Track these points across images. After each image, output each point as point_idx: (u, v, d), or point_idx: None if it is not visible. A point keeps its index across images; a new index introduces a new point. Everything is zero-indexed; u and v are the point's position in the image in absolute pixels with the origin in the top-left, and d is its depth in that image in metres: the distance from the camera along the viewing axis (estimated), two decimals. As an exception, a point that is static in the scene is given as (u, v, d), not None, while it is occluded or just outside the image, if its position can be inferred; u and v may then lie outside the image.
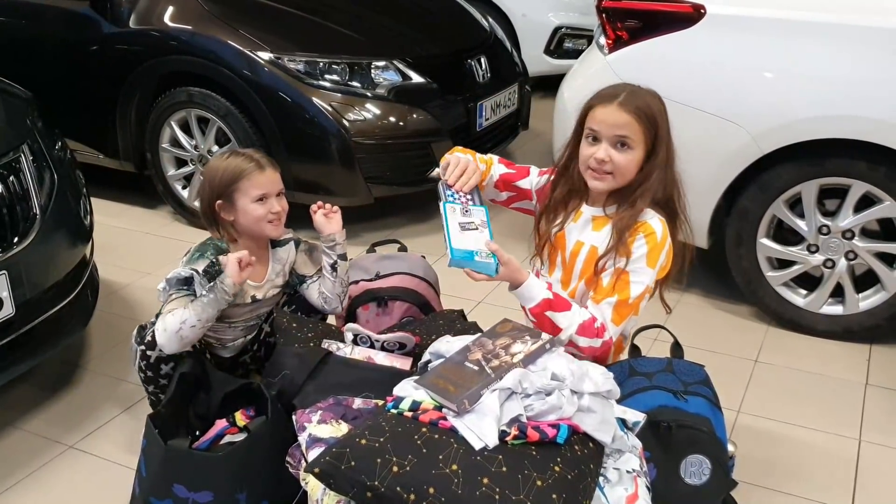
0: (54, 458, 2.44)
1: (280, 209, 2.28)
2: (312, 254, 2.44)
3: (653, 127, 1.96)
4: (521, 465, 1.54)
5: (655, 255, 1.98)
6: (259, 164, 2.25)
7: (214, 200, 2.27)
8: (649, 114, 1.96)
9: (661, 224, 2.00)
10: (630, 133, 1.97)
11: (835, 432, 2.53)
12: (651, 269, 1.98)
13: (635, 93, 2.00)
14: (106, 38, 3.91)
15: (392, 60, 3.80)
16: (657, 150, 1.98)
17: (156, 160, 4.03)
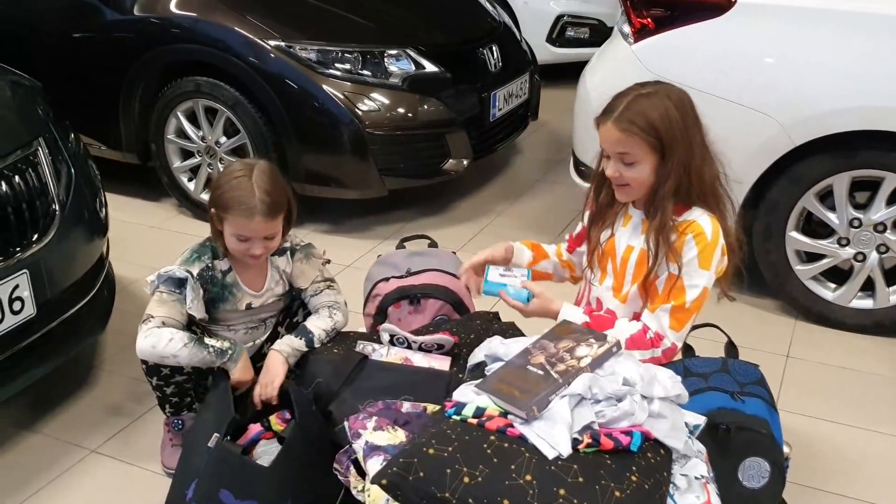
0: (77, 464, 2.36)
1: (260, 252, 2.10)
2: (309, 260, 2.31)
3: (653, 135, 1.88)
4: (597, 475, 1.48)
5: (708, 254, 1.92)
6: (254, 208, 2.03)
7: (210, 206, 2.14)
8: (646, 124, 1.88)
9: (712, 222, 1.94)
10: (628, 149, 1.92)
11: (874, 429, 2.50)
12: (706, 271, 1.92)
13: (635, 102, 1.91)
14: (108, 25, 3.79)
15: (405, 49, 3.72)
16: (668, 153, 1.90)
17: (161, 151, 3.92)
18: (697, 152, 1.93)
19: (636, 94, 1.93)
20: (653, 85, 1.97)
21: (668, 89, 1.96)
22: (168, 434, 2.30)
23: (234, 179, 2.08)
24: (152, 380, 2.22)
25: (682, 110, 1.93)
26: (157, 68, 3.77)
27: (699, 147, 1.94)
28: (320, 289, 2.30)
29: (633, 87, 1.98)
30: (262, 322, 2.30)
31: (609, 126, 1.92)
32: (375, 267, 2.62)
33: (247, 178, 2.06)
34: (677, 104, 1.92)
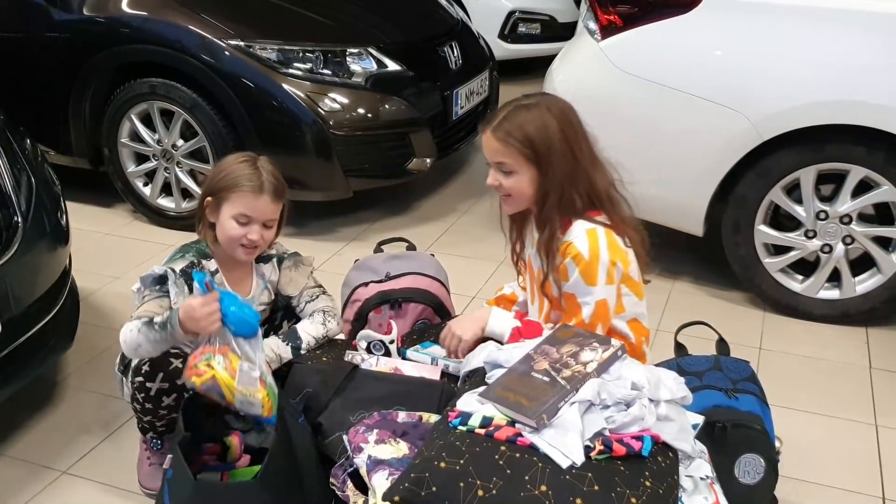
0: (47, 487, 2.25)
1: (258, 238, 2.06)
2: (298, 268, 2.26)
3: (529, 148, 1.88)
4: (612, 482, 1.46)
5: (590, 272, 1.88)
6: (260, 186, 2.02)
7: (206, 195, 2.09)
8: (523, 136, 1.88)
9: (588, 238, 1.89)
10: (505, 159, 1.91)
11: (851, 418, 2.55)
12: (593, 286, 1.88)
13: (514, 113, 1.91)
14: (56, 26, 3.64)
15: (367, 47, 3.66)
16: (546, 166, 1.89)
17: (114, 156, 3.79)
18: (582, 164, 1.91)
19: (517, 104, 1.93)
20: (536, 96, 1.96)
21: (549, 101, 1.94)
22: (146, 452, 2.21)
23: (237, 164, 2.06)
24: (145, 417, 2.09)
25: (563, 123, 1.91)
26: (108, 70, 3.64)
27: (584, 158, 1.92)
28: (315, 294, 2.24)
29: (518, 97, 1.97)
30: None
31: (488, 135, 1.93)
32: (353, 272, 2.56)
33: (251, 163, 2.07)
34: (558, 116, 1.91)
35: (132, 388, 2.06)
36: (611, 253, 1.88)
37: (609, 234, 1.90)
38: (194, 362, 1.87)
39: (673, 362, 2.04)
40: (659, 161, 3.07)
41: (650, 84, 2.99)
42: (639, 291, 1.98)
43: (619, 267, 1.90)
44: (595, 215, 1.93)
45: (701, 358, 2.05)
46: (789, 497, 2.17)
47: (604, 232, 1.90)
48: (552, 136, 1.87)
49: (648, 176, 3.11)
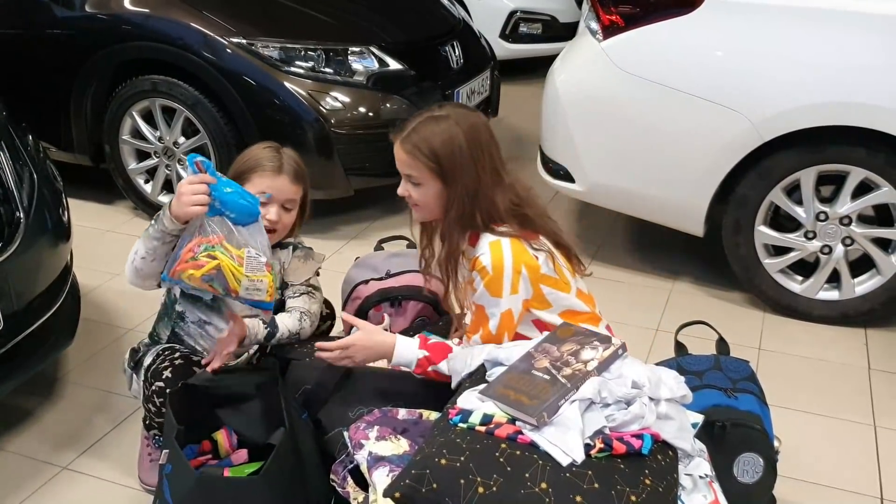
0: (48, 482, 2.25)
1: (275, 218, 2.11)
2: (307, 261, 2.28)
3: (435, 161, 1.88)
4: (612, 480, 1.46)
5: (495, 285, 1.88)
6: (280, 167, 2.13)
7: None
8: (429, 149, 1.88)
9: (493, 251, 1.89)
10: (411, 171, 1.93)
11: (849, 419, 2.55)
12: (498, 298, 1.88)
13: (422, 125, 1.91)
14: (58, 22, 3.65)
15: (369, 46, 3.66)
16: (451, 180, 1.89)
17: (115, 153, 3.79)
18: (484, 182, 1.90)
19: (428, 116, 1.93)
20: (448, 108, 1.95)
21: (460, 115, 1.93)
22: (147, 448, 2.22)
23: (261, 149, 2.17)
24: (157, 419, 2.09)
25: (471, 138, 1.89)
26: (110, 67, 3.64)
27: (487, 176, 1.91)
28: (300, 291, 2.25)
29: (430, 108, 1.98)
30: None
31: (398, 146, 1.94)
32: (354, 269, 2.57)
33: (274, 148, 2.18)
34: (467, 131, 1.89)
35: (149, 391, 2.06)
36: (515, 261, 1.88)
37: (514, 243, 1.90)
38: (190, 255, 1.84)
39: (673, 361, 2.05)
40: (660, 161, 3.08)
41: (651, 84, 2.99)
42: (563, 287, 1.98)
43: (524, 274, 1.89)
44: (500, 226, 1.93)
45: (701, 357, 2.06)
46: (788, 497, 2.18)
47: (508, 242, 1.89)
48: (457, 151, 1.87)
49: (649, 176, 3.13)
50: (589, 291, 2.11)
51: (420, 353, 1.92)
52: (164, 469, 1.87)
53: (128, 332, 2.94)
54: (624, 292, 3.30)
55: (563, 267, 2.00)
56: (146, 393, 2.06)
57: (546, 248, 1.96)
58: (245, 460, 1.99)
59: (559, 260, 2.00)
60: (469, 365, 1.86)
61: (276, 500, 1.80)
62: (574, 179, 3.31)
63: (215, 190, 1.88)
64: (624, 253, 3.62)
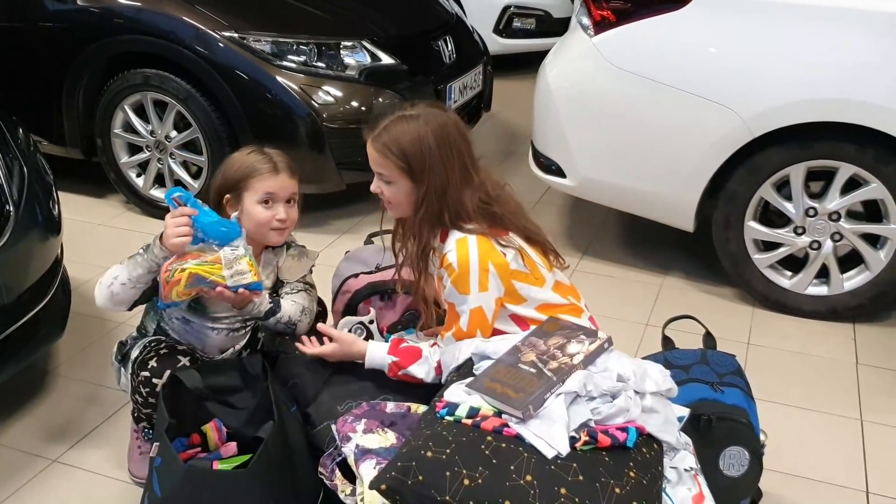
0: (38, 475, 2.26)
1: (286, 217, 2.13)
2: (301, 259, 2.29)
3: (404, 160, 1.90)
4: (597, 473, 1.48)
5: (462, 282, 1.89)
6: (275, 166, 2.12)
7: (224, 194, 2.14)
8: (399, 148, 1.90)
9: (459, 248, 1.90)
10: (382, 169, 1.96)
11: (837, 413, 2.57)
12: (466, 295, 1.90)
13: (393, 124, 1.93)
14: (50, 15, 3.64)
15: (361, 41, 3.66)
16: (420, 179, 1.91)
17: (107, 147, 3.79)
18: (453, 181, 1.91)
19: (399, 115, 1.95)
20: (420, 108, 1.96)
21: (430, 115, 1.94)
22: (137, 441, 2.22)
23: (246, 156, 2.15)
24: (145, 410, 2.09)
25: (441, 138, 1.90)
26: (102, 60, 3.64)
27: (455, 176, 1.92)
28: (297, 288, 2.26)
29: (402, 106, 1.99)
30: (244, 323, 2.23)
31: (370, 144, 1.97)
32: (344, 263, 2.58)
33: (259, 151, 2.16)
34: (436, 131, 1.90)
35: (136, 382, 2.06)
36: (482, 258, 1.89)
37: (481, 240, 1.91)
38: (165, 276, 1.95)
39: (660, 356, 2.06)
40: (650, 157, 3.09)
41: (642, 80, 3.00)
42: (536, 282, 1.98)
43: (492, 271, 1.90)
44: (468, 224, 1.94)
45: (688, 352, 2.07)
46: (775, 490, 2.20)
47: (475, 238, 1.90)
48: (426, 151, 1.89)
49: (640, 171, 3.14)
50: (572, 283, 2.11)
51: (389, 359, 1.96)
52: (154, 462, 1.88)
53: (119, 326, 2.94)
54: (614, 287, 3.31)
55: (536, 262, 2.00)
56: (133, 384, 2.07)
57: (515, 245, 1.96)
58: (234, 453, 2.00)
59: (532, 255, 2.00)
60: (457, 358, 1.88)
61: (264, 493, 1.81)
62: (565, 175, 3.32)
63: (197, 221, 1.96)
64: (615, 248, 3.64)
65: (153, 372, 2.02)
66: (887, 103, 2.70)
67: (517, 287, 1.96)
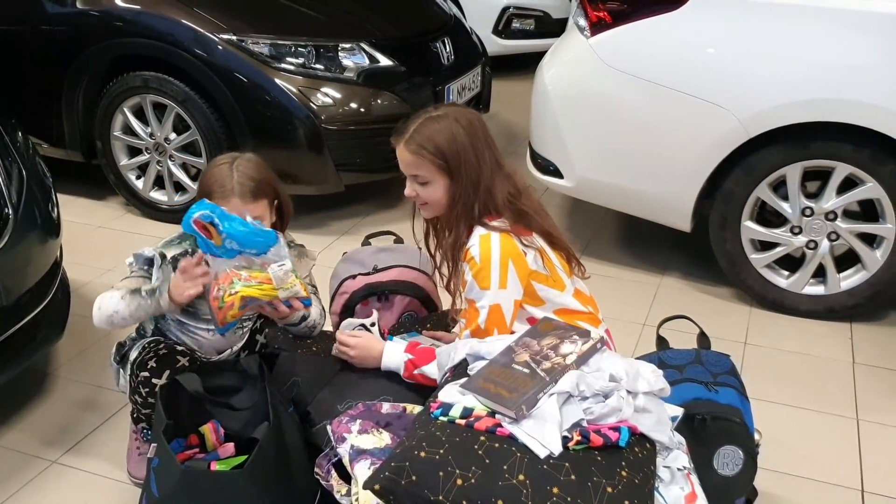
0: (38, 476, 2.28)
1: None
2: (300, 259, 2.28)
3: (441, 158, 1.95)
4: (589, 472, 1.49)
5: (483, 275, 1.92)
6: (231, 190, 2.04)
7: (199, 198, 2.10)
8: (434, 147, 1.95)
9: (482, 243, 1.93)
10: (419, 171, 1.99)
11: (833, 412, 2.58)
12: (487, 290, 1.92)
13: (424, 125, 1.98)
14: (49, 18, 3.66)
15: (359, 42, 3.68)
16: (457, 175, 1.96)
17: (107, 149, 3.81)
18: (486, 172, 1.97)
19: (427, 116, 2.00)
20: (445, 108, 2.03)
21: (458, 112, 2.00)
22: (136, 442, 2.24)
23: (215, 168, 2.11)
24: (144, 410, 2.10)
25: (471, 133, 1.97)
26: (101, 63, 3.66)
27: (489, 167, 1.98)
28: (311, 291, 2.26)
29: (426, 110, 2.04)
30: (241, 325, 2.25)
31: (401, 148, 2.00)
32: (342, 264, 2.59)
33: (228, 165, 2.10)
34: (466, 127, 1.97)
35: (135, 383, 2.08)
36: (503, 255, 1.92)
37: (504, 237, 1.94)
38: (217, 304, 1.92)
39: (654, 355, 2.07)
40: (647, 157, 3.10)
41: (638, 81, 3.02)
42: (555, 285, 2.01)
43: (511, 269, 1.93)
44: (494, 220, 1.97)
45: (682, 351, 2.08)
46: (770, 489, 2.21)
47: (498, 236, 1.94)
48: (461, 146, 1.94)
49: (637, 172, 3.15)
50: (591, 294, 2.14)
51: (405, 357, 1.97)
52: (152, 462, 1.89)
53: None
54: (612, 287, 3.32)
55: (556, 266, 2.03)
56: (132, 385, 2.08)
57: (536, 246, 1.99)
58: (232, 454, 2.01)
59: (552, 258, 2.03)
60: (452, 359, 1.89)
61: (261, 494, 1.82)
62: (563, 175, 3.33)
63: (230, 234, 1.92)
64: (612, 248, 3.65)
65: (152, 372, 2.03)
66: (883, 103, 2.71)
67: (536, 288, 1.99)
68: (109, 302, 2.04)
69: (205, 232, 1.93)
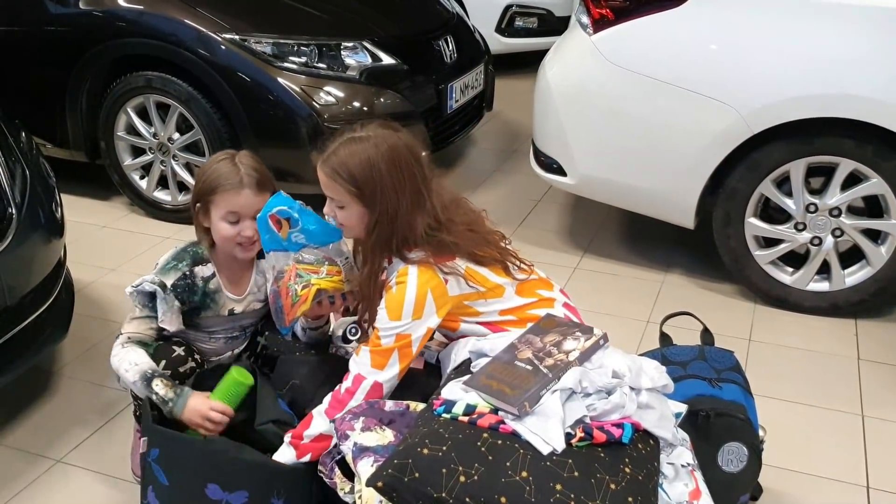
0: (42, 475, 2.28)
1: (252, 234, 2.03)
2: None
3: (354, 185, 1.81)
4: (592, 469, 1.48)
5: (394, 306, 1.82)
6: (241, 181, 2.01)
7: (195, 202, 2.10)
8: (347, 173, 1.81)
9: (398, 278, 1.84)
10: (334, 195, 1.87)
11: (837, 409, 2.57)
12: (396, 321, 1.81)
13: (342, 147, 1.85)
14: (52, 19, 3.67)
15: (361, 41, 3.68)
16: (371, 203, 1.82)
17: (111, 149, 3.82)
18: (404, 206, 1.82)
19: (348, 137, 1.86)
20: (370, 128, 1.87)
21: (380, 136, 1.84)
22: (139, 441, 2.23)
23: (216, 164, 2.07)
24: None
25: (390, 160, 1.81)
26: (104, 63, 3.66)
27: (406, 199, 1.83)
28: None
29: (352, 128, 1.89)
30: (243, 331, 2.25)
31: (319, 168, 1.88)
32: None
33: (230, 160, 2.06)
34: (385, 154, 1.81)
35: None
36: (420, 288, 1.81)
37: (421, 270, 1.83)
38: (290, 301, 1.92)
39: (658, 352, 2.07)
40: (650, 154, 3.09)
41: (641, 77, 3.01)
42: (490, 295, 1.91)
43: (430, 299, 1.81)
44: (412, 252, 1.86)
45: (685, 348, 2.08)
46: (775, 485, 2.20)
47: (415, 270, 1.83)
48: (376, 174, 1.80)
49: (640, 169, 3.15)
50: (542, 277, 2.04)
51: (287, 440, 1.87)
52: (150, 455, 1.89)
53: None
54: (616, 284, 3.32)
55: (489, 277, 1.91)
56: None
57: (459, 272, 1.86)
58: None
59: (484, 273, 1.91)
60: (454, 360, 1.89)
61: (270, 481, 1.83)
62: (566, 173, 3.33)
63: (306, 229, 1.92)
64: (616, 246, 3.64)
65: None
66: (886, 98, 2.70)
67: (472, 306, 1.89)
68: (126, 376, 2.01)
69: (276, 226, 1.92)
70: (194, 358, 2.11)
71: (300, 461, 1.84)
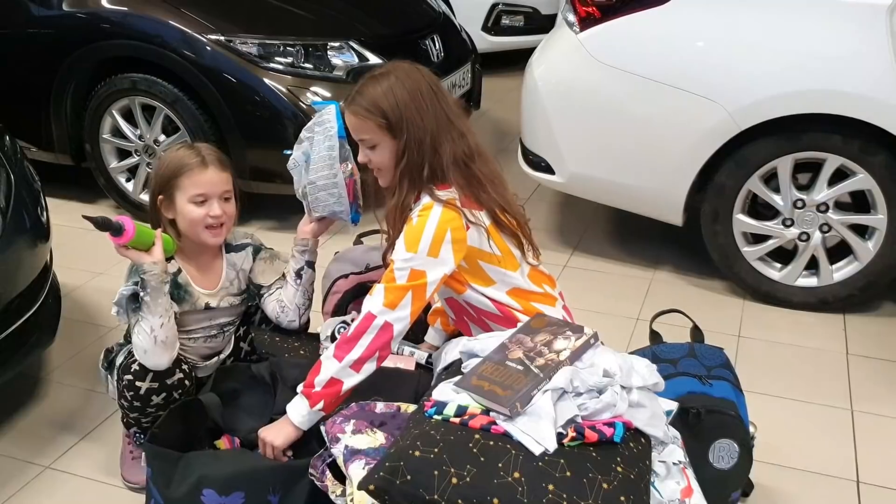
0: (31, 481, 2.26)
1: (221, 213, 2.06)
2: (273, 262, 2.28)
3: (382, 116, 1.88)
4: (584, 468, 1.48)
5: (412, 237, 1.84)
6: (203, 160, 2.05)
7: (156, 195, 2.10)
8: (374, 106, 1.88)
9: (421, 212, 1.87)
10: (364, 134, 1.93)
11: (827, 404, 2.58)
12: (412, 252, 1.83)
13: (364, 86, 1.92)
14: (36, 21, 3.64)
15: (348, 41, 3.67)
16: (399, 133, 1.88)
17: (96, 152, 3.79)
18: (431, 129, 1.88)
19: (369, 77, 1.94)
20: (389, 66, 1.96)
21: (401, 69, 1.93)
22: (129, 446, 2.23)
23: (174, 153, 2.11)
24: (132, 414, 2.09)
25: (414, 88, 1.89)
26: (89, 65, 3.64)
27: (434, 123, 1.89)
28: (277, 287, 2.26)
29: (372, 69, 1.99)
30: (222, 330, 2.24)
31: (348, 114, 1.95)
32: (334, 264, 2.58)
33: (186, 146, 2.11)
34: (408, 85, 1.89)
35: (120, 386, 2.07)
36: (440, 225, 1.84)
37: (446, 210, 1.85)
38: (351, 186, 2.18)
39: (648, 350, 2.07)
40: (638, 151, 3.10)
41: (628, 75, 3.01)
42: (505, 264, 1.95)
43: (448, 239, 1.84)
44: (443, 189, 1.90)
45: (675, 345, 2.08)
46: (767, 481, 2.21)
47: (440, 207, 1.85)
48: (401, 102, 1.87)
49: (628, 166, 3.15)
50: (551, 275, 2.10)
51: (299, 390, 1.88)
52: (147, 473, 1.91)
53: (110, 332, 2.94)
54: (605, 282, 3.32)
55: (509, 244, 1.97)
56: (118, 389, 2.07)
57: (482, 223, 1.91)
58: None
59: (504, 238, 1.96)
60: (444, 360, 1.88)
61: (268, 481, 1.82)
62: (554, 171, 3.33)
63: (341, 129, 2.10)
64: (605, 244, 3.65)
65: (136, 375, 2.02)
66: (871, 93, 2.71)
67: (484, 268, 1.93)
68: (141, 338, 1.98)
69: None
70: (182, 368, 2.09)
71: (314, 408, 1.83)
